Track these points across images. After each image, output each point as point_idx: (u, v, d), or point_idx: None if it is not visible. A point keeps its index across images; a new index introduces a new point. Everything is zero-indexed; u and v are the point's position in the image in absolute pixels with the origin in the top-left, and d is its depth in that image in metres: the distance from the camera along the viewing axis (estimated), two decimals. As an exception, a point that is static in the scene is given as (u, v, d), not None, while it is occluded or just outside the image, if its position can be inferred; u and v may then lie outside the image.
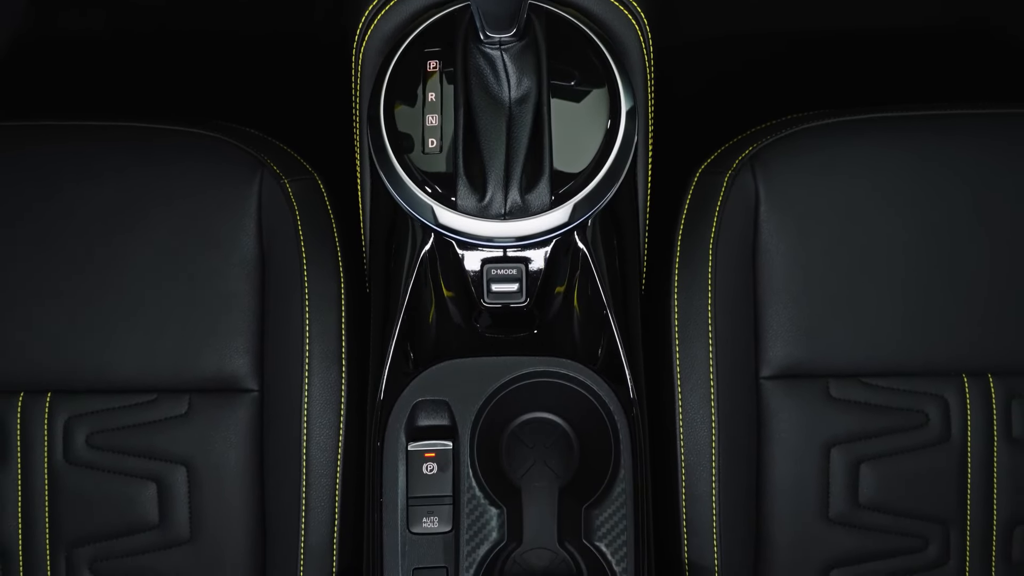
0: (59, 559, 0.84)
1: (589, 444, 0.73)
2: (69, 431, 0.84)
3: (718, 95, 1.29)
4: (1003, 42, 1.24)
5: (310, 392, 0.82)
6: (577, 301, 0.77)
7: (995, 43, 1.24)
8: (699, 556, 0.83)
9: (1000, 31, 1.22)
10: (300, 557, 0.82)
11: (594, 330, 0.77)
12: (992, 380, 0.86)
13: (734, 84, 1.29)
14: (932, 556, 0.87)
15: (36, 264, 0.85)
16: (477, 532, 0.70)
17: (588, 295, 0.76)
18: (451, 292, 0.76)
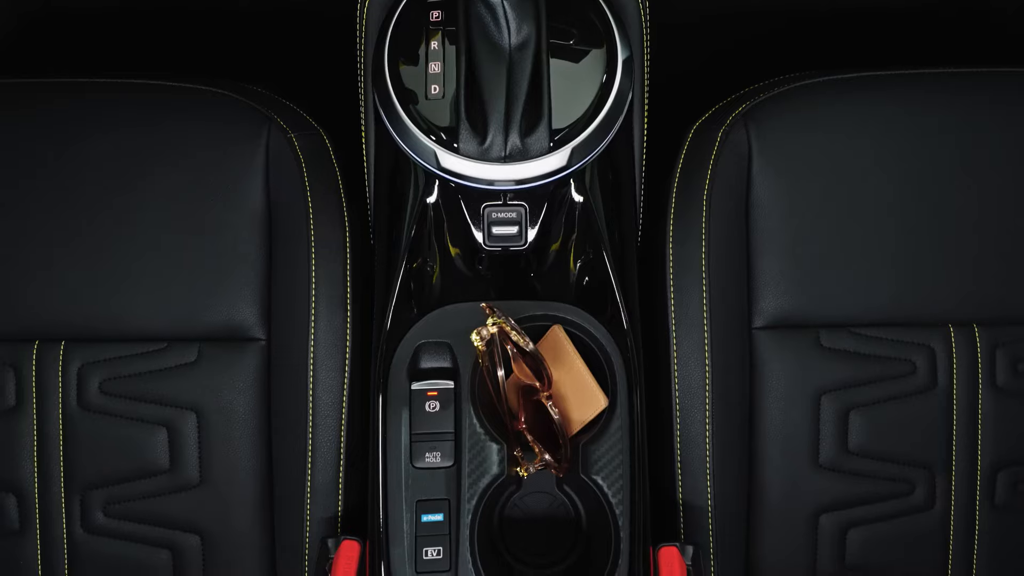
0: (73, 502, 0.87)
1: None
2: (83, 378, 0.87)
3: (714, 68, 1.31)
4: (993, 13, 1.26)
5: (316, 337, 0.85)
6: (575, 247, 0.80)
7: (989, 23, 1.26)
8: (693, 496, 0.86)
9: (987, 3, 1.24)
10: (307, 497, 0.85)
11: (592, 275, 0.79)
12: (977, 330, 0.89)
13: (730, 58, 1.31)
14: (919, 500, 0.89)
15: (51, 217, 0.87)
16: (478, 466, 0.72)
17: (586, 241, 0.79)
18: (453, 238, 0.79)
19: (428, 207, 0.78)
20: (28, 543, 0.87)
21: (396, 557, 0.70)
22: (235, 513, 0.87)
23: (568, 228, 0.79)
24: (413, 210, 0.79)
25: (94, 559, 0.87)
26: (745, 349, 0.89)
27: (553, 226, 0.78)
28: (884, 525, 0.89)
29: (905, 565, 0.90)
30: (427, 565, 0.70)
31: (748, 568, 0.90)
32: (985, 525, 0.89)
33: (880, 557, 0.90)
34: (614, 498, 0.72)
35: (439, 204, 0.78)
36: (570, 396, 0.78)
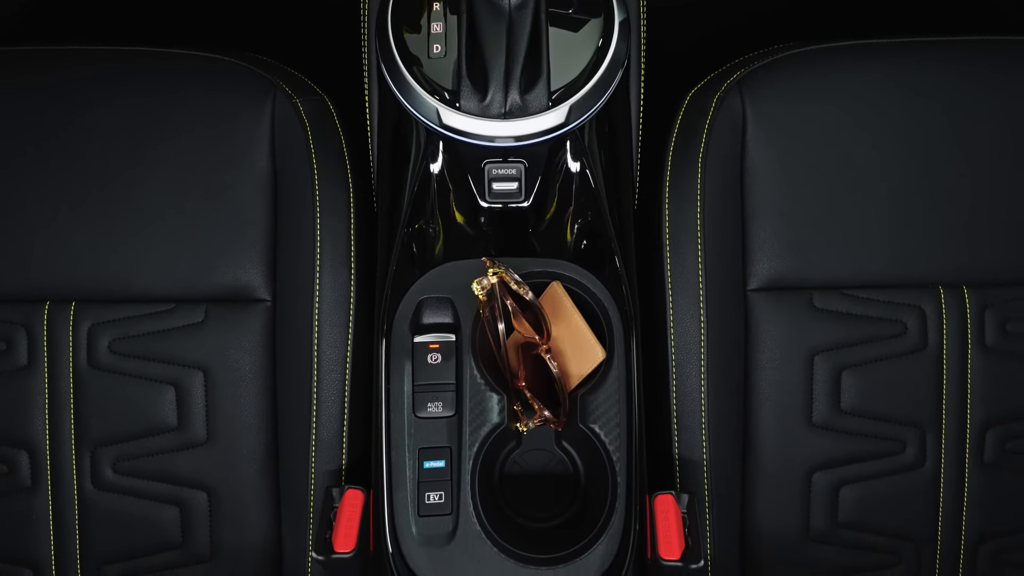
0: (84, 458, 0.89)
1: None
2: (93, 338, 0.89)
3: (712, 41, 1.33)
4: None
5: (321, 294, 0.87)
6: (574, 206, 0.81)
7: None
8: (688, 451, 0.88)
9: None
10: (311, 451, 0.87)
11: (590, 234, 0.81)
12: (967, 292, 0.91)
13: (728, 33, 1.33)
14: (909, 459, 0.91)
15: (62, 181, 0.89)
16: (479, 416, 0.74)
17: (585, 200, 0.81)
18: (454, 197, 0.80)
19: (430, 167, 0.80)
20: (40, 499, 0.89)
21: (399, 501, 0.72)
22: (241, 469, 0.89)
23: (567, 187, 0.81)
24: (415, 171, 0.81)
25: (104, 515, 0.89)
26: (740, 310, 0.91)
27: (552, 185, 0.80)
28: (876, 483, 0.91)
29: (896, 522, 0.92)
30: (429, 509, 0.72)
31: (743, 524, 0.92)
32: (974, 482, 0.91)
33: (872, 514, 0.92)
34: (611, 446, 0.74)
35: (441, 163, 0.80)
36: (568, 351, 0.80)
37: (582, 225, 0.82)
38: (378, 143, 0.87)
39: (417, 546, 0.70)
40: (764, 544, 0.92)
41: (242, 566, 0.90)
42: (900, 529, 0.92)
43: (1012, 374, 0.91)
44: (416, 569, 0.70)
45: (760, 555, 0.92)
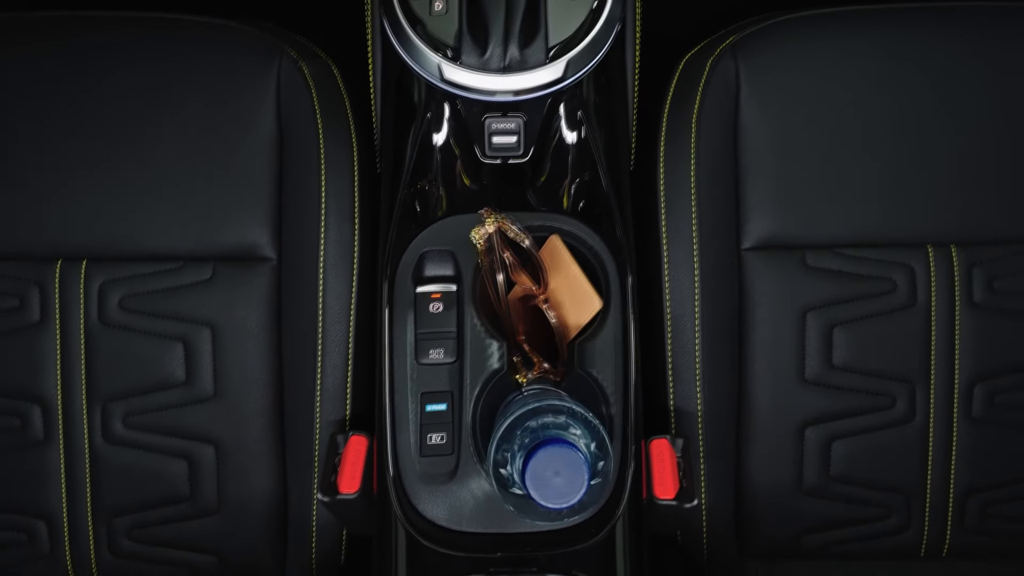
0: (95, 413, 0.91)
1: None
2: (103, 295, 0.91)
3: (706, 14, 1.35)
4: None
5: (326, 249, 0.89)
6: (572, 162, 0.84)
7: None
8: (684, 402, 0.90)
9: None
10: (316, 401, 0.89)
11: (588, 190, 0.84)
12: (955, 250, 0.93)
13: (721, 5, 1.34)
14: (899, 413, 0.93)
15: (75, 144, 0.92)
16: (479, 362, 0.76)
17: (582, 155, 0.83)
18: (455, 152, 0.83)
19: (431, 125, 0.83)
20: (52, 452, 0.91)
21: (402, 442, 0.74)
22: (248, 423, 0.92)
23: (565, 144, 0.83)
24: (417, 129, 0.83)
25: (114, 468, 0.92)
26: (734, 268, 0.93)
27: (551, 142, 0.82)
28: (867, 437, 0.94)
29: (887, 476, 0.94)
30: (431, 449, 0.74)
31: (737, 477, 0.94)
32: (963, 436, 0.93)
33: (863, 468, 0.94)
34: (608, 389, 0.76)
35: (442, 121, 0.82)
36: (567, 302, 0.82)
37: (580, 182, 0.84)
38: (381, 103, 0.89)
39: (419, 483, 0.73)
40: (758, 497, 0.94)
41: (249, 518, 0.92)
42: (890, 483, 0.94)
43: (999, 330, 0.93)
44: (418, 504, 0.72)
45: (754, 508, 0.95)
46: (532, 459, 0.57)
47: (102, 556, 0.92)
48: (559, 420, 0.60)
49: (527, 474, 0.56)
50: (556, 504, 0.57)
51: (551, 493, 0.56)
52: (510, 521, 0.71)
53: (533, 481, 0.56)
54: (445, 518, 0.72)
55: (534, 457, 0.57)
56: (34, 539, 0.92)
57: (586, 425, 0.61)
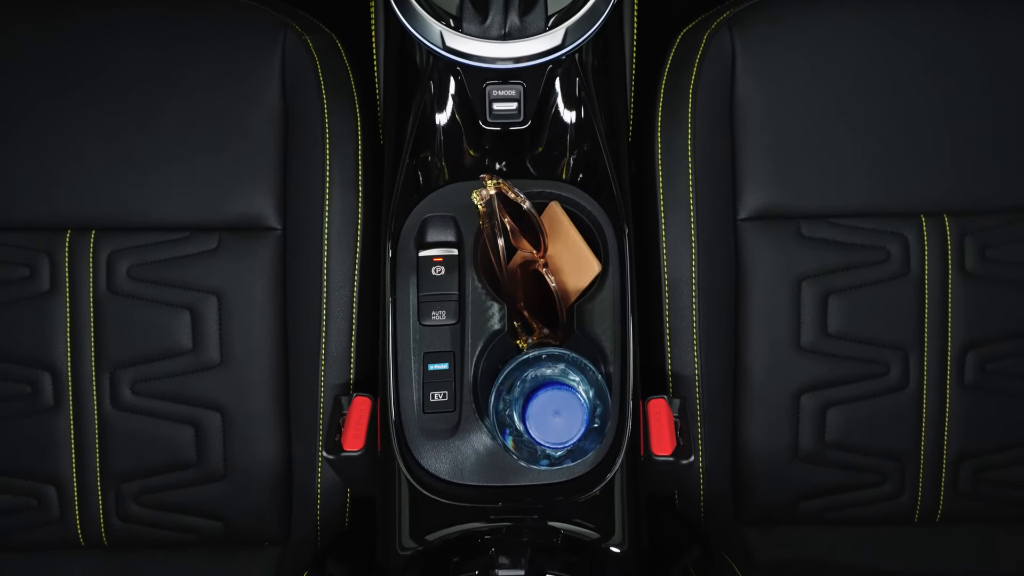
0: (104, 380, 0.93)
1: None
2: (112, 264, 0.93)
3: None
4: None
5: (330, 219, 0.91)
6: (571, 130, 0.86)
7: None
8: (681, 367, 0.92)
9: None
10: (321, 366, 0.91)
11: (586, 159, 0.85)
12: (947, 219, 0.95)
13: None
14: (893, 380, 0.95)
15: (85, 117, 0.94)
16: (481, 324, 0.78)
17: (581, 123, 0.85)
18: (456, 120, 0.85)
19: (433, 94, 0.84)
20: (62, 419, 0.93)
21: (405, 399, 0.76)
22: (253, 390, 0.93)
23: (564, 112, 0.85)
24: (419, 98, 0.85)
25: (123, 434, 0.93)
26: (731, 238, 0.95)
27: (550, 110, 0.84)
28: (861, 404, 0.95)
29: (881, 442, 0.96)
30: (433, 407, 0.75)
31: (734, 444, 0.96)
32: (955, 403, 0.95)
33: (857, 435, 0.96)
34: (607, 348, 0.77)
35: (444, 90, 0.84)
36: (566, 267, 0.84)
37: (578, 151, 0.86)
38: (384, 74, 0.91)
39: (422, 438, 0.74)
40: (754, 463, 0.96)
41: (254, 483, 0.94)
42: (885, 449, 0.96)
43: (991, 298, 0.95)
44: (420, 458, 0.74)
45: (750, 473, 0.96)
46: (532, 401, 0.59)
47: (111, 521, 0.94)
48: (558, 367, 0.62)
49: (528, 415, 0.58)
50: (556, 443, 0.59)
51: (551, 433, 0.58)
52: (511, 474, 0.73)
53: (533, 421, 0.58)
54: (447, 471, 0.74)
55: (534, 399, 0.59)
56: (44, 504, 0.94)
57: (584, 372, 0.63)
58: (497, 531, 0.73)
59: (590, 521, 0.76)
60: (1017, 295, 0.95)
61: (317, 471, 0.93)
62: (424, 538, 0.76)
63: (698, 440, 0.92)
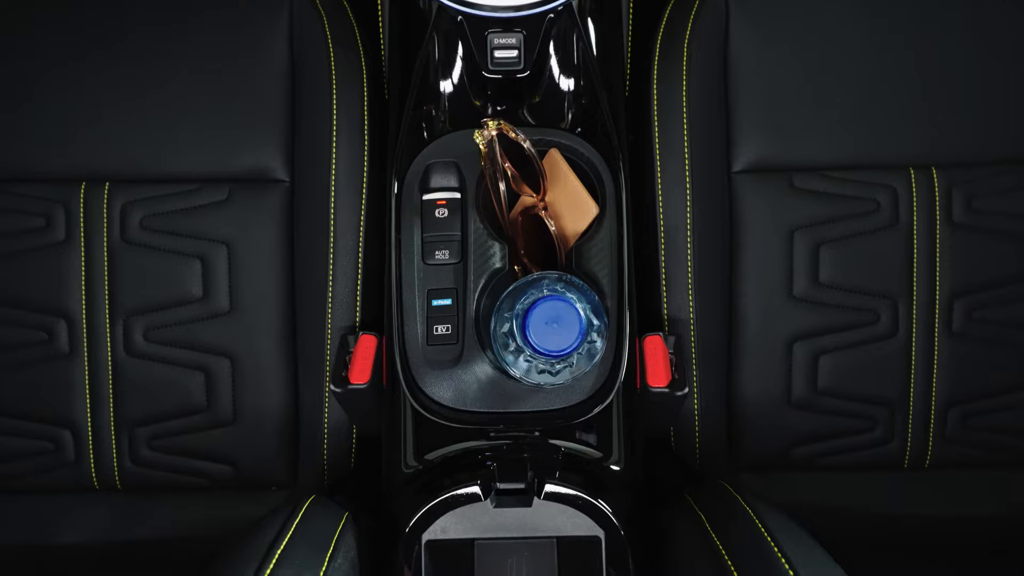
0: (117, 327, 0.96)
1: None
2: (125, 215, 0.96)
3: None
4: None
5: (337, 168, 0.94)
6: (569, 77, 0.88)
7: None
8: (677, 310, 0.95)
9: None
10: (328, 309, 0.94)
11: (584, 109, 0.88)
12: (935, 172, 0.98)
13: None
14: (883, 328, 0.98)
15: (99, 73, 0.97)
16: (482, 262, 0.81)
17: (580, 72, 0.88)
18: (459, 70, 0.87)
19: (436, 44, 0.87)
20: (77, 365, 0.96)
21: (410, 332, 0.79)
22: (262, 337, 0.96)
23: (563, 61, 0.88)
24: (423, 48, 0.88)
25: (136, 380, 0.96)
26: (725, 190, 0.98)
27: (550, 57, 0.87)
28: (852, 352, 0.98)
29: (871, 389, 0.99)
30: (437, 339, 0.78)
31: (729, 391, 0.99)
32: (944, 350, 0.98)
33: (848, 382, 0.98)
34: (604, 286, 0.80)
35: (447, 40, 0.87)
36: (565, 212, 0.87)
37: (577, 100, 0.88)
38: (388, 26, 0.94)
39: (426, 368, 0.77)
40: (748, 409, 0.99)
41: (262, 427, 0.97)
42: (875, 396, 0.99)
43: (978, 248, 0.97)
44: (424, 387, 0.77)
45: (744, 420, 0.99)
46: (531, 312, 0.61)
47: (124, 465, 0.97)
48: (556, 287, 0.65)
49: (527, 324, 0.61)
50: (554, 351, 0.61)
51: (549, 341, 0.61)
52: (512, 401, 0.76)
53: (533, 329, 0.61)
54: (450, 399, 0.76)
55: (534, 309, 0.61)
56: (60, 448, 0.97)
57: (580, 291, 0.66)
58: (498, 448, 0.76)
59: (590, 443, 0.79)
60: (1003, 244, 0.97)
61: (324, 414, 0.96)
62: (427, 457, 0.79)
63: (693, 378, 0.95)
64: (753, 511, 0.71)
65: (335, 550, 0.67)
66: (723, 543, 0.67)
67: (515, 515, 0.70)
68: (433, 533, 0.70)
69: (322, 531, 0.70)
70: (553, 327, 0.61)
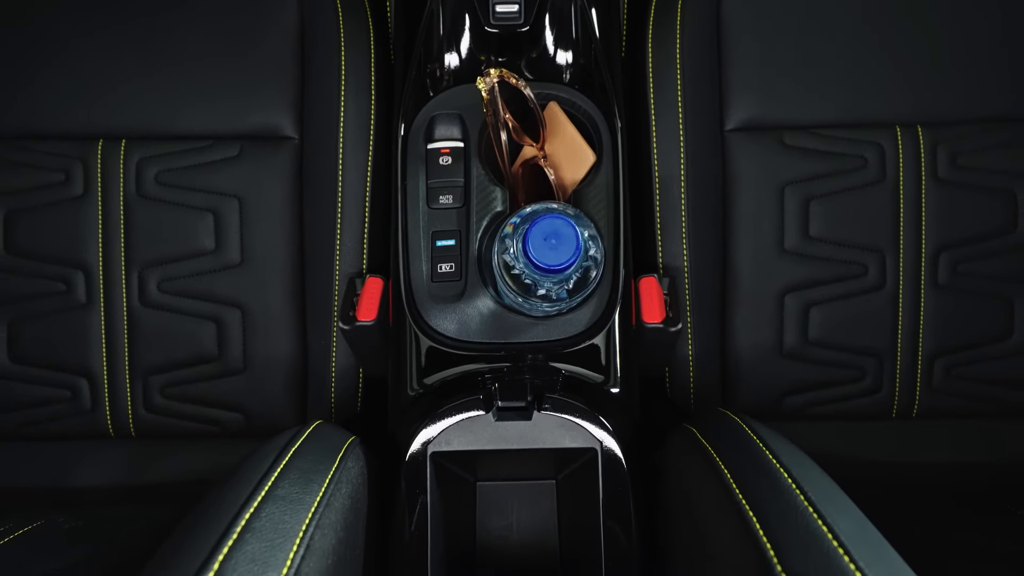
0: (132, 278, 1.00)
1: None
2: (140, 170, 1.00)
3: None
4: None
5: (345, 120, 0.98)
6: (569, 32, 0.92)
7: None
8: (672, 258, 0.99)
9: None
10: (336, 257, 0.97)
11: (581, 59, 0.92)
12: (920, 130, 1.01)
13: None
14: (871, 281, 1.01)
15: (116, 34, 1.01)
16: (484, 206, 0.85)
17: (578, 28, 0.92)
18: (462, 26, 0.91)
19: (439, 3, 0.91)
20: (93, 315, 1.00)
21: (415, 270, 0.82)
22: (272, 288, 1.00)
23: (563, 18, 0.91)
24: (428, 5, 0.92)
25: (150, 330, 1.00)
26: (718, 147, 1.01)
27: (549, 13, 0.91)
28: (841, 304, 1.02)
29: (860, 340, 1.02)
30: (441, 276, 0.82)
31: (723, 341, 1.02)
32: (930, 302, 1.01)
33: (838, 333, 1.02)
34: (599, 220, 0.84)
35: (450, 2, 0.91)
36: (564, 163, 0.90)
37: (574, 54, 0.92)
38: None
39: (431, 303, 0.81)
40: (741, 359, 1.02)
41: (272, 374, 1.00)
42: (864, 346, 1.02)
43: (962, 202, 1.01)
44: (429, 320, 0.80)
45: (737, 369, 1.02)
46: (532, 228, 0.65)
47: (138, 412, 1.01)
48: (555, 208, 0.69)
49: (528, 238, 0.64)
50: (553, 264, 0.65)
51: (548, 256, 0.64)
52: (512, 333, 0.79)
53: (532, 243, 0.64)
54: (454, 331, 0.80)
55: (533, 226, 0.65)
56: (77, 395, 1.00)
57: (578, 219, 0.69)
58: (499, 371, 0.80)
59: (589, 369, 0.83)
60: (986, 200, 1.01)
61: (332, 357, 0.99)
62: (429, 381, 0.83)
63: (687, 324, 0.98)
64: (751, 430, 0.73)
65: (339, 466, 0.70)
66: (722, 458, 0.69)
67: (516, 428, 0.74)
68: (438, 445, 0.74)
69: (327, 449, 0.73)
70: (551, 243, 0.64)
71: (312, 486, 0.64)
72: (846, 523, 0.56)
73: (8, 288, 0.99)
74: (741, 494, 0.62)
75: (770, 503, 0.60)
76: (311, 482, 0.65)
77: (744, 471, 0.66)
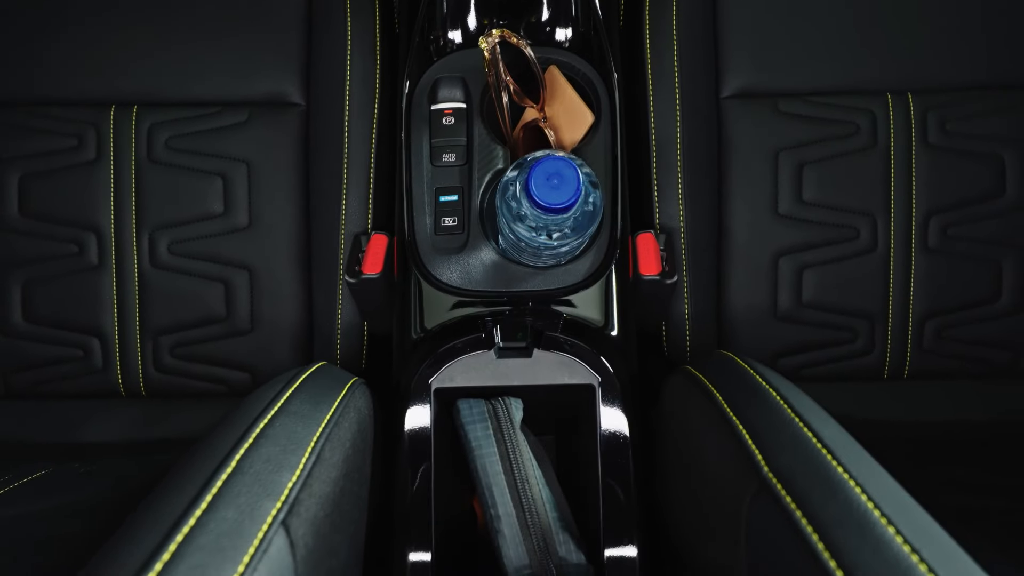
0: (143, 240, 1.02)
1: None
2: (151, 135, 1.03)
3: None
4: None
5: (351, 84, 1.01)
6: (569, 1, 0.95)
7: None
8: (668, 219, 1.01)
9: None
10: (341, 216, 1.00)
11: (581, 25, 0.95)
12: (911, 97, 1.04)
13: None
14: (863, 244, 1.04)
15: (127, 2, 1.04)
16: (486, 164, 0.87)
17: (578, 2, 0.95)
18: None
19: None
20: (105, 277, 1.02)
21: (419, 224, 0.85)
22: (279, 250, 1.03)
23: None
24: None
25: (160, 291, 1.03)
26: (713, 114, 1.04)
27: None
28: (834, 266, 1.04)
29: (852, 302, 1.05)
30: (444, 230, 0.85)
31: (718, 303, 1.05)
32: (920, 265, 1.04)
33: (831, 295, 1.04)
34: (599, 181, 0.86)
35: None
36: (564, 123, 0.93)
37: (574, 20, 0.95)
38: None
39: (434, 254, 0.84)
40: (736, 320, 1.05)
41: (278, 334, 1.03)
42: (856, 308, 1.05)
43: (951, 168, 1.04)
44: (433, 270, 0.83)
45: (733, 331, 1.05)
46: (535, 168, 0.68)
47: (148, 371, 1.03)
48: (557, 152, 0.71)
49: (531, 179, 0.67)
50: (555, 203, 0.67)
51: (552, 194, 0.67)
52: (513, 282, 0.82)
53: (535, 181, 0.67)
54: (457, 280, 0.83)
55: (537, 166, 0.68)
56: (89, 355, 1.03)
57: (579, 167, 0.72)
58: (500, 314, 0.82)
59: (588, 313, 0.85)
60: (975, 165, 1.04)
61: (337, 314, 1.02)
62: (429, 326, 0.85)
63: (683, 283, 1.01)
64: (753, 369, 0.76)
65: (347, 395, 0.73)
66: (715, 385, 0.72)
67: (517, 366, 0.76)
68: (441, 382, 0.76)
69: (334, 381, 0.75)
70: (554, 182, 0.67)
71: (322, 406, 0.67)
72: (830, 432, 0.59)
73: (22, 250, 1.02)
74: (732, 412, 0.65)
75: (759, 417, 0.63)
76: (321, 403, 0.68)
77: (736, 394, 0.69)
